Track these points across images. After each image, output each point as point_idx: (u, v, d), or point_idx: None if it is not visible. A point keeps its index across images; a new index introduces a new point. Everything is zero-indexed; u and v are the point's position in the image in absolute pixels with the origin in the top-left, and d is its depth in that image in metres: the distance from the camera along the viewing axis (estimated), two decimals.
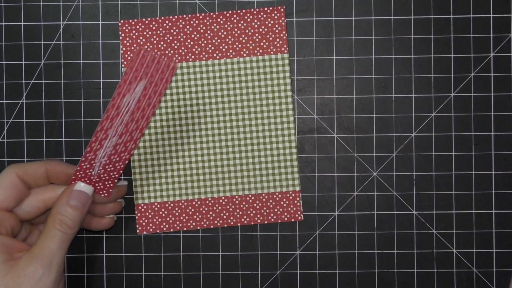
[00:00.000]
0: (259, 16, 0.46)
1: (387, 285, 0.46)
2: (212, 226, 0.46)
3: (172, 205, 0.46)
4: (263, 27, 0.46)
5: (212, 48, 0.46)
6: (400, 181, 0.47)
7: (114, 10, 0.47)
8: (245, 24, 0.46)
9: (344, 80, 0.47)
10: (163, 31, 0.46)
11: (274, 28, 0.46)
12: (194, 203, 0.46)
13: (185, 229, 0.46)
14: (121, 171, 0.42)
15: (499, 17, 0.46)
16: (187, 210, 0.46)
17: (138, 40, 0.46)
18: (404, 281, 0.47)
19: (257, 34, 0.46)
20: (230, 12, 0.46)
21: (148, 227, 0.46)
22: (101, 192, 0.42)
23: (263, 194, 0.46)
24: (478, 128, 0.46)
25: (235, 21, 0.46)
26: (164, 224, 0.46)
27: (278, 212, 0.46)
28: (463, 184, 0.46)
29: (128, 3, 0.47)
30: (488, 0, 0.46)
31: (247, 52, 0.46)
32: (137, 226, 0.46)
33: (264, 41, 0.46)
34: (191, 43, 0.46)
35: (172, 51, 0.46)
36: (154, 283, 0.47)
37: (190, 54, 0.46)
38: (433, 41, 0.46)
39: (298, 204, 0.46)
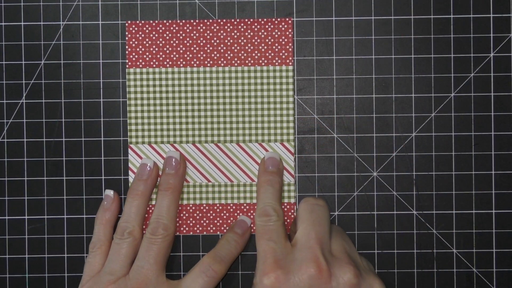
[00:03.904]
0: (266, 26, 0.46)
1: (387, 285, 0.46)
2: (205, 233, 0.46)
3: None
4: (269, 37, 0.46)
5: (218, 55, 0.46)
6: (400, 181, 0.47)
7: (114, 10, 0.47)
8: (251, 34, 0.46)
9: (344, 80, 0.47)
10: (170, 35, 0.46)
11: (281, 40, 0.46)
12: (188, 208, 0.46)
13: (177, 233, 0.46)
14: None
15: (499, 17, 0.46)
16: (181, 215, 0.46)
17: (144, 42, 0.46)
18: (404, 281, 0.47)
19: (263, 44, 0.46)
20: (237, 20, 0.46)
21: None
22: None
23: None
24: (478, 128, 0.46)
25: (242, 29, 0.46)
26: None
27: None
28: (463, 184, 0.46)
29: (128, 3, 0.47)
30: (488, 0, 0.46)
31: (252, 61, 0.46)
32: None
33: (269, 51, 0.46)
34: (197, 48, 0.46)
35: (177, 55, 0.46)
36: None
37: (195, 60, 0.46)
38: (433, 41, 0.46)
39: (293, 216, 0.46)
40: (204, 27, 0.46)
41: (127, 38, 0.47)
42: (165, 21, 0.47)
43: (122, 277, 0.43)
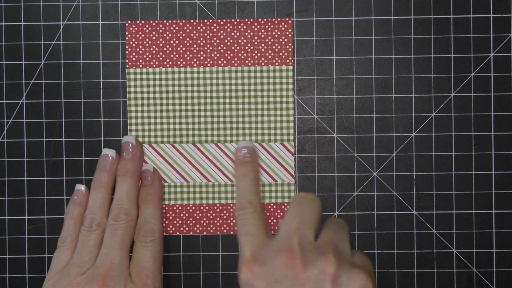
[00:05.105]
0: (266, 26, 0.46)
1: (387, 285, 0.46)
2: (204, 232, 0.46)
3: (166, 208, 0.46)
4: (269, 37, 0.46)
5: (218, 55, 0.46)
6: (400, 181, 0.47)
7: (114, 10, 0.47)
8: (251, 33, 0.46)
9: (344, 80, 0.47)
10: (170, 35, 0.46)
11: (281, 40, 0.46)
12: (188, 208, 0.46)
13: (177, 233, 0.46)
14: None
15: (499, 17, 0.46)
16: (181, 215, 0.46)
17: (144, 42, 0.46)
18: (404, 281, 0.47)
19: (263, 44, 0.46)
20: (237, 20, 0.46)
21: None
22: None
23: None
24: (478, 128, 0.46)
25: (242, 29, 0.46)
26: None
27: (272, 223, 0.46)
28: (463, 184, 0.46)
29: (128, 3, 0.47)
30: (488, 0, 0.46)
31: (252, 61, 0.46)
32: None
33: (269, 51, 0.46)
34: (197, 48, 0.46)
35: (177, 55, 0.46)
36: None
37: (195, 60, 0.46)
38: (433, 41, 0.46)
39: None
40: (204, 27, 0.46)
41: (127, 38, 0.47)
42: (165, 21, 0.47)
43: (90, 267, 0.43)
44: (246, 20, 0.46)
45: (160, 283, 0.43)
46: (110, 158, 0.45)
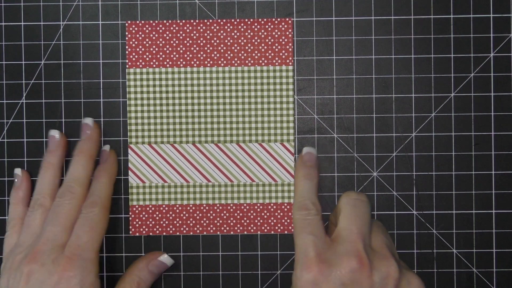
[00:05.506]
0: (266, 26, 0.46)
1: None
2: (205, 233, 0.46)
3: (166, 208, 0.46)
4: (269, 37, 0.46)
5: (218, 55, 0.46)
6: (400, 181, 0.47)
7: (114, 10, 0.47)
8: (251, 33, 0.46)
9: (344, 80, 0.47)
10: (170, 35, 0.46)
11: (281, 40, 0.46)
12: (188, 208, 0.46)
13: (178, 234, 0.46)
14: None
15: (499, 17, 0.46)
16: (181, 215, 0.46)
17: (144, 42, 0.46)
18: None
19: (263, 44, 0.46)
20: (237, 20, 0.46)
21: (141, 229, 0.46)
22: None
23: (258, 204, 0.46)
24: (478, 128, 0.47)
25: (242, 29, 0.46)
26: (157, 227, 0.46)
27: (272, 224, 0.46)
28: (463, 184, 0.46)
29: (128, 3, 0.47)
30: (488, 0, 0.46)
31: (252, 61, 0.46)
32: (130, 227, 0.46)
33: (269, 51, 0.46)
34: (197, 48, 0.46)
35: (177, 55, 0.46)
36: (154, 283, 0.47)
37: (195, 60, 0.46)
38: (433, 41, 0.46)
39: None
40: (204, 27, 0.46)
41: (127, 38, 0.47)
42: (165, 21, 0.47)
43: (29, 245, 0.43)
44: (246, 20, 0.46)
45: (95, 256, 0.42)
46: (56, 139, 0.46)
